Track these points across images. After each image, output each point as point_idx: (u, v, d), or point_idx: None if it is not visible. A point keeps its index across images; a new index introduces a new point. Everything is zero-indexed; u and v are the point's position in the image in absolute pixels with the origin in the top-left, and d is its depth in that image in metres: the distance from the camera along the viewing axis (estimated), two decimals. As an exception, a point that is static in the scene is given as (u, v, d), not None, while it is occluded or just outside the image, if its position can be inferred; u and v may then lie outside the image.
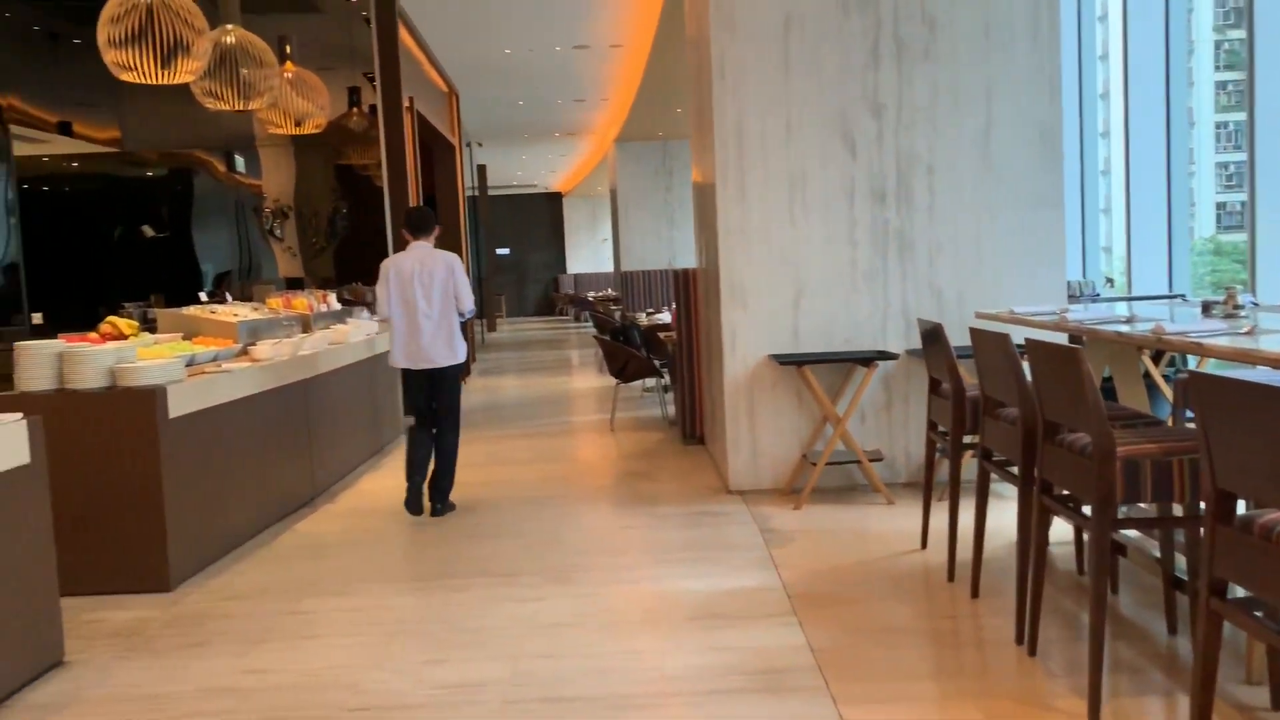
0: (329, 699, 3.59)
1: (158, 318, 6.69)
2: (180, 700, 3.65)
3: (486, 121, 18.15)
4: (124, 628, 4.43)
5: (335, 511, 6.55)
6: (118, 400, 4.85)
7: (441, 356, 6.12)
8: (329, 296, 8.64)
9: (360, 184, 10.16)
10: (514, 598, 4.60)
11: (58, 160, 10.22)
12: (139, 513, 4.84)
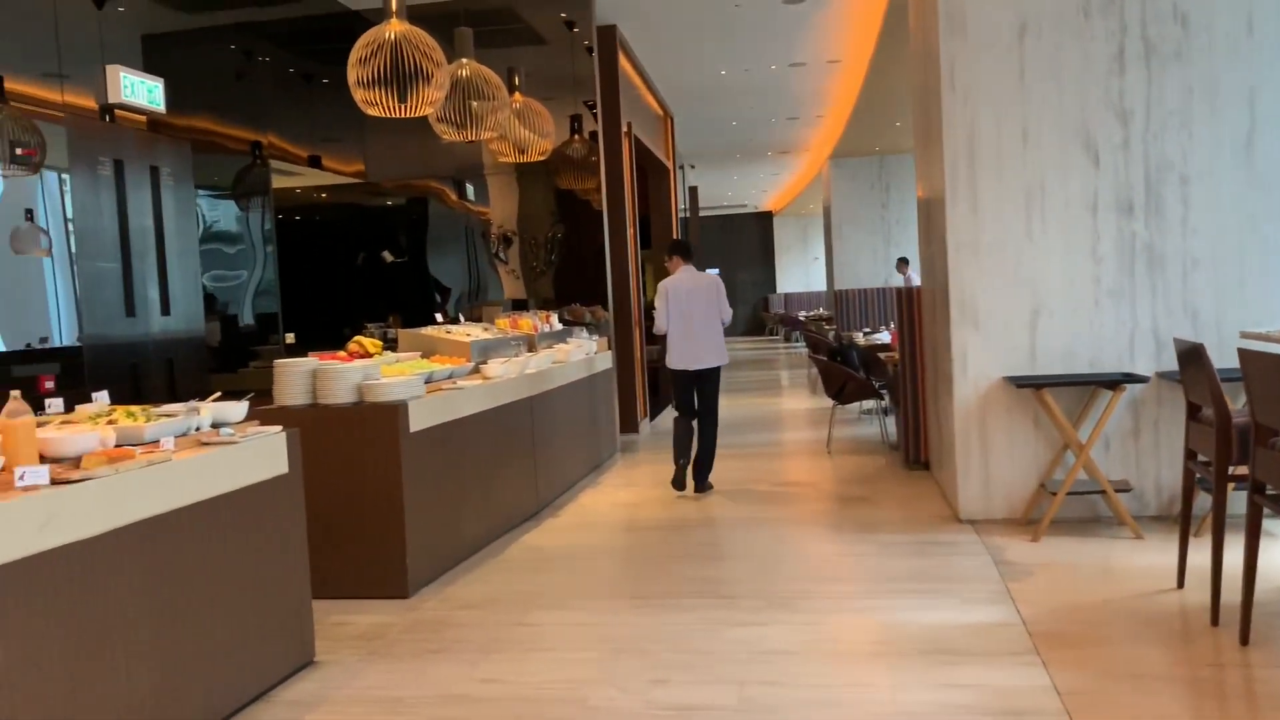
0: (558, 713, 3.64)
1: (398, 337, 7.07)
2: (419, 705, 3.79)
3: (699, 143, 18.31)
4: (367, 631, 4.66)
5: (558, 525, 6.71)
6: (364, 414, 5.13)
7: (710, 359, 7.35)
8: (551, 317, 8.90)
9: (580, 208, 10.44)
10: (736, 621, 4.54)
11: (309, 191, 11.04)
12: (382, 521, 5.10)
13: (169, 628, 3.44)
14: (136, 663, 3.29)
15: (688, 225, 20.40)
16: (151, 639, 3.37)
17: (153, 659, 3.36)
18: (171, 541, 3.47)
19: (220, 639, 3.69)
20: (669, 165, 14.93)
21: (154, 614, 3.39)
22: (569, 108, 10.02)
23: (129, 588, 3.30)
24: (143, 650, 3.32)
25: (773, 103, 15.41)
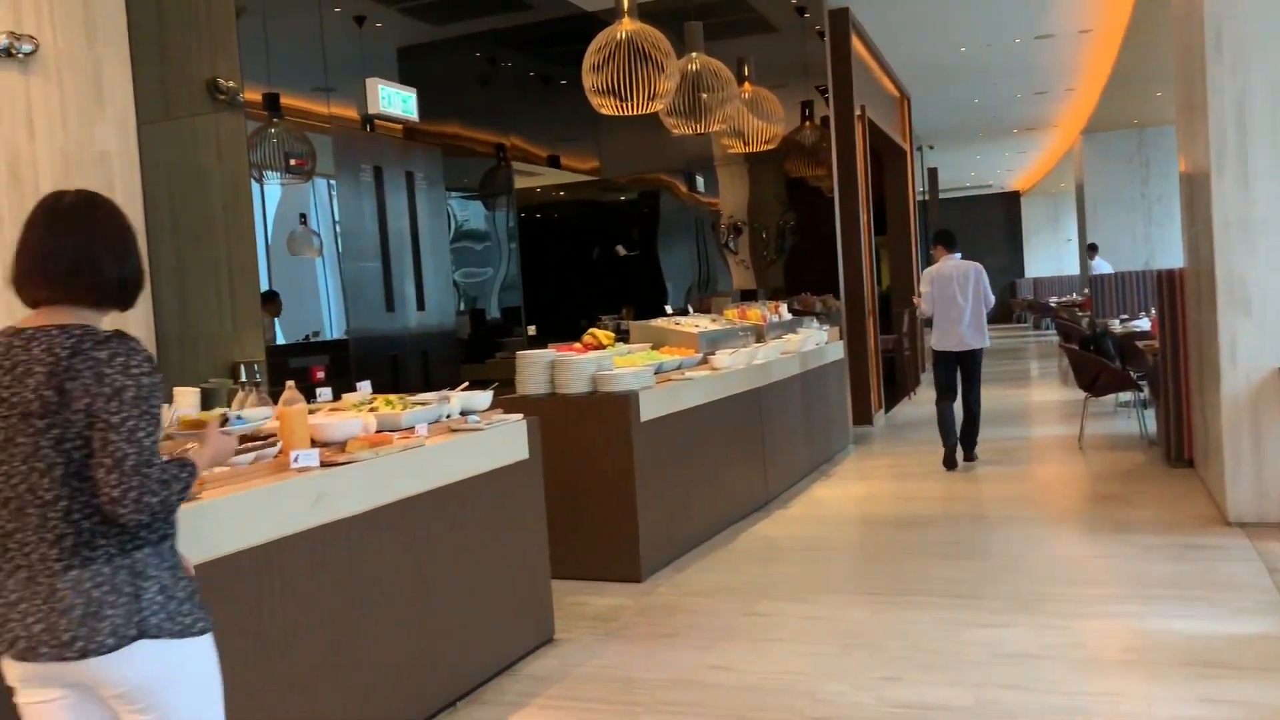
0: (788, 704, 3.64)
1: (630, 329, 7.25)
2: (652, 688, 3.89)
3: (938, 123, 17.65)
4: (603, 613, 4.83)
5: (789, 517, 6.68)
6: (598, 404, 5.31)
7: (973, 341, 7.79)
8: (780, 307, 8.85)
9: (811, 196, 10.32)
10: (975, 622, 4.38)
11: (548, 190, 11.50)
12: (615, 507, 5.27)
13: (422, 600, 3.70)
14: (394, 630, 3.56)
15: (926, 208, 19.73)
16: (406, 609, 3.63)
17: (407, 628, 3.63)
18: (424, 520, 3.73)
19: (468, 613, 3.93)
20: (905, 147, 14.49)
21: (409, 586, 3.66)
22: (800, 94, 9.92)
23: (387, 562, 3.58)
24: (399, 619, 3.59)
25: (1017, 77, 14.63)
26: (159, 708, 2.01)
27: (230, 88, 5.80)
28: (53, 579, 1.95)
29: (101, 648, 1.93)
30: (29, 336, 1.98)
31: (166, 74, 5.86)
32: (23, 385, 1.95)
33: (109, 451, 1.92)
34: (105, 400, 1.93)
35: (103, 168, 5.65)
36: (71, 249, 2.04)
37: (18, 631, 1.95)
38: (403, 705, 3.58)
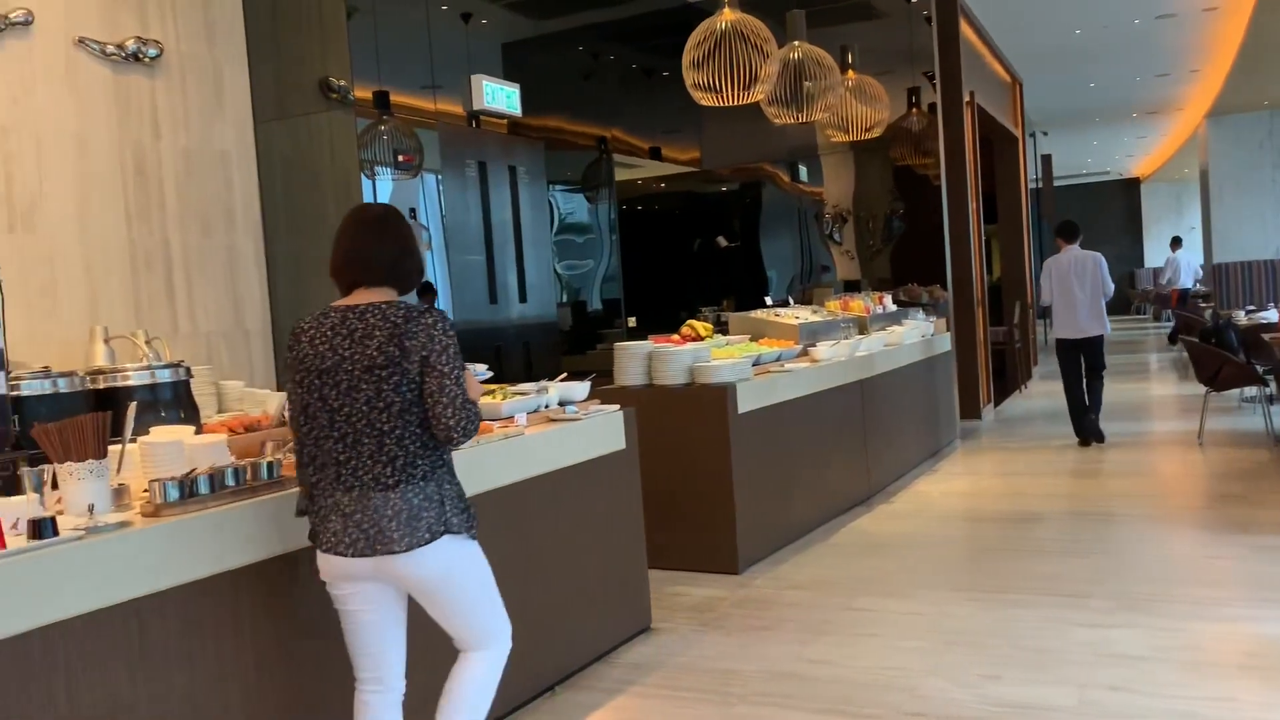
0: (886, 699, 3.60)
1: (729, 320, 7.24)
2: (748, 679, 3.89)
3: (1052, 107, 17.09)
4: (700, 604, 4.85)
5: (892, 512, 6.59)
6: (695, 395, 5.32)
7: (1092, 328, 8.30)
8: (885, 298, 8.72)
9: (918, 184, 10.12)
10: (1081, 621, 4.25)
11: (648, 182, 11.54)
12: (712, 499, 5.27)
13: (523, 586, 3.77)
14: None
15: (1039, 196, 19.14)
16: (507, 595, 3.71)
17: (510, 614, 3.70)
18: (524, 508, 3.80)
19: (567, 600, 3.99)
20: (1017, 134, 14.09)
21: (511, 573, 3.73)
22: (906, 80, 9.73)
23: (489, 549, 3.65)
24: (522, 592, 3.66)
25: (1137, 59, 14.07)
26: (450, 591, 2.66)
27: (342, 86, 5.98)
28: (386, 493, 2.55)
29: (420, 541, 2.54)
30: (361, 311, 2.60)
31: (281, 74, 6.08)
32: (364, 346, 2.56)
33: (445, 392, 2.55)
34: (437, 354, 2.55)
35: (222, 166, 5.90)
36: (387, 249, 2.68)
37: (355, 535, 2.55)
38: (503, 687, 3.66)
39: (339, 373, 2.57)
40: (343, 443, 2.58)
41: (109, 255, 5.25)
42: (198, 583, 2.64)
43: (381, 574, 2.59)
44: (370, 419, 2.55)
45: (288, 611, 2.90)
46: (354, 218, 2.76)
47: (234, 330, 5.94)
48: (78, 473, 2.50)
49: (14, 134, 4.87)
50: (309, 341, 2.63)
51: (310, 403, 2.61)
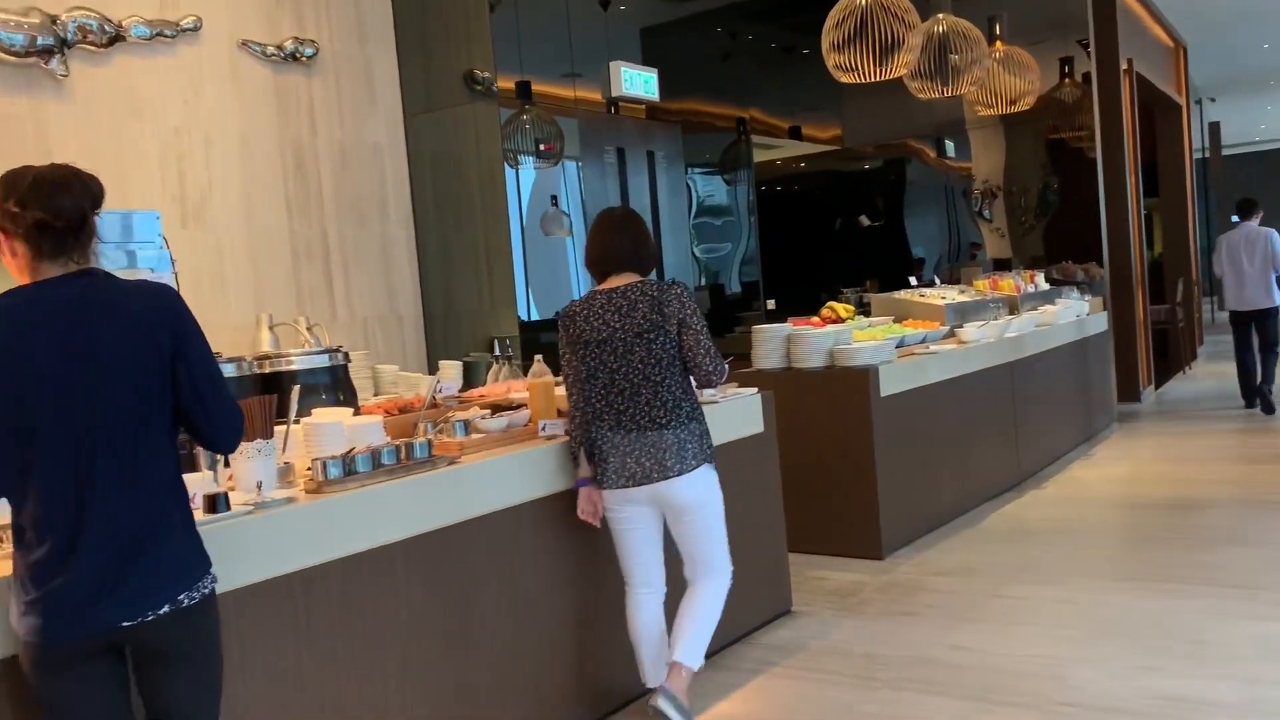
0: (1034, 688, 3.51)
1: (871, 302, 7.11)
2: (891, 664, 3.85)
3: (1220, 73, 16.06)
4: (842, 588, 4.81)
5: (1043, 498, 6.37)
6: (835, 379, 5.27)
7: (1260, 300, 8.65)
8: (1036, 276, 8.40)
9: (1071, 157, 9.69)
10: (1249, 614, 4.03)
11: (788, 162, 11.41)
12: (853, 483, 5.21)
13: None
14: (635, 596, 3.70)
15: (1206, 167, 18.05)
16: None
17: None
18: (663, 490, 3.84)
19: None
20: (1181, 101, 13.32)
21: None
22: (1058, 50, 9.33)
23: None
24: (640, 585, 3.73)
25: (1317, 16, 13.08)
26: (703, 512, 3.27)
27: (485, 78, 6.14)
28: (659, 432, 3.21)
29: (689, 468, 3.20)
30: (623, 291, 3.25)
31: (429, 69, 6.29)
32: (630, 317, 3.22)
33: (700, 345, 3.22)
34: (689, 316, 3.23)
35: (374, 159, 6.15)
36: (630, 243, 3.33)
37: (633, 469, 3.21)
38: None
39: (614, 341, 3.22)
40: (622, 396, 3.22)
41: (272, 246, 5.55)
42: (357, 555, 2.79)
43: (656, 498, 3.23)
44: (645, 374, 3.21)
45: (442, 583, 3.03)
46: (604, 220, 3.43)
47: (388, 316, 6.19)
48: (247, 451, 2.67)
49: (185, 134, 5.19)
50: (584, 319, 3.26)
51: (591, 368, 3.25)
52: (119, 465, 1.99)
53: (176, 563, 2.05)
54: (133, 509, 2.00)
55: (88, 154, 4.70)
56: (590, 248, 3.39)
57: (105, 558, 1.96)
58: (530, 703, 3.30)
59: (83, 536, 1.94)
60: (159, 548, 2.02)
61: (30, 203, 2.00)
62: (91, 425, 1.97)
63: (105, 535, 1.96)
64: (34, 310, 1.98)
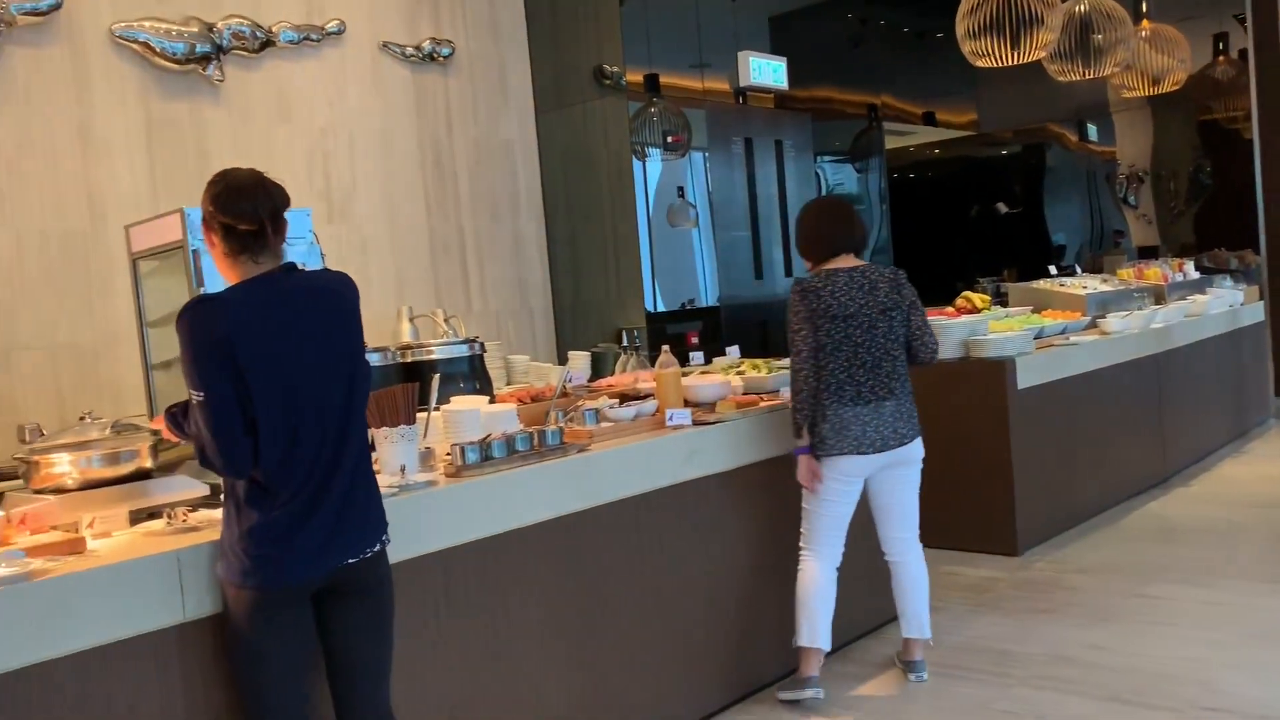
0: (1178, 692, 3.38)
1: (1008, 291, 6.92)
2: (1027, 662, 3.76)
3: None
4: (976, 584, 4.71)
5: (1190, 495, 6.09)
6: (970, 370, 5.15)
7: None
8: (1185, 265, 8.02)
9: (1226, 139, 9.21)
10: None
11: (921, 149, 11.17)
12: (988, 477, 5.09)
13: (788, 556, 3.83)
14: (760, 583, 3.72)
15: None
16: (772, 564, 3.78)
17: (773, 581, 3.78)
18: (783, 479, 3.84)
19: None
20: (1349, 76, 12.46)
21: (773, 542, 3.80)
22: (1211, 25, 8.88)
23: (753, 517, 3.74)
24: (765, 573, 3.75)
25: None
26: (917, 477, 3.63)
27: (614, 73, 6.22)
28: (896, 401, 3.49)
29: (916, 433, 3.57)
30: (862, 270, 3.51)
31: (559, 65, 6.41)
32: (873, 295, 3.47)
33: (925, 327, 3.57)
34: (913, 299, 3.56)
35: (507, 155, 6.30)
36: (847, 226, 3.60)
37: (873, 436, 3.45)
38: (771, 655, 3.75)
39: (860, 316, 3.45)
40: (864, 368, 3.46)
41: (412, 241, 5.76)
42: (493, 538, 2.89)
43: (891, 461, 3.51)
44: (886, 348, 3.48)
45: (574, 566, 3.11)
46: (825, 207, 3.79)
47: (520, 309, 6.34)
48: (391, 436, 2.80)
49: (330, 134, 5.43)
50: (829, 294, 3.46)
51: (836, 341, 3.45)
52: (342, 432, 2.30)
53: (376, 512, 2.40)
54: (350, 468, 2.31)
55: (241, 154, 4.98)
56: (806, 232, 3.63)
57: (334, 509, 2.28)
58: (661, 685, 3.36)
59: (322, 493, 2.26)
60: (367, 500, 2.36)
61: (220, 206, 2.25)
62: (330, 399, 2.29)
63: (335, 491, 2.28)
64: (268, 300, 2.24)
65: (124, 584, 2.19)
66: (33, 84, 4.40)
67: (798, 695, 3.52)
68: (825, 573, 3.57)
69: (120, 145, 4.65)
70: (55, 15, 4.43)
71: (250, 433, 2.19)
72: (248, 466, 2.20)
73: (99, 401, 4.32)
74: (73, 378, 4.45)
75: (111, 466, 2.58)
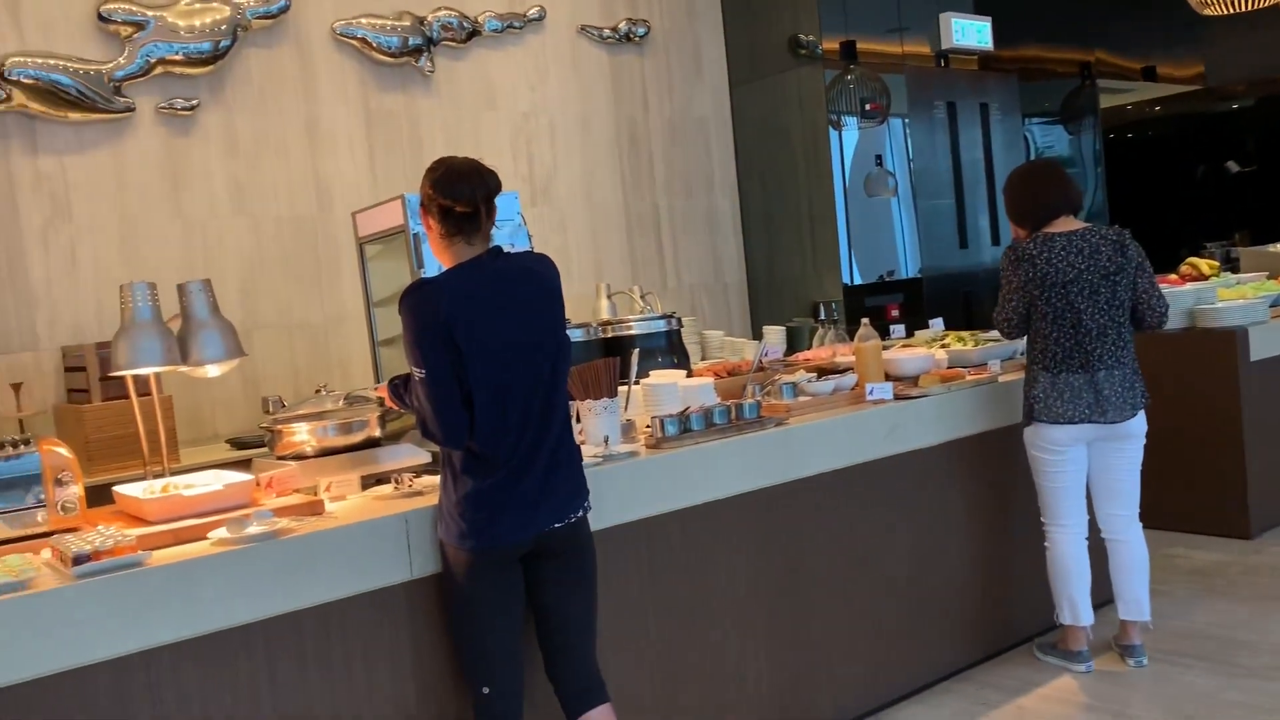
0: None
1: (1240, 256, 6.42)
2: (1259, 650, 3.52)
3: None
4: (1202, 568, 4.43)
5: None
6: (1196, 341, 4.82)
7: None
8: None
9: None
10: None
11: (1140, 106, 10.45)
12: (1217, 455, 4.77)
13: (999, 532, 3.72)
14: (965, 562, 3.63)
15: None
16: (980, 542, 3.69)
17: (980, 561, 3.68)
18: (993, 455, 3.72)
19: (1039, 551, 3.84)
20: None
21: (980, 520, 3.70)
22: None
23: (960, 494, 3.65)
24: (971, 551, 3.65)
25: None
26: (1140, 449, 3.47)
27: (810, 41, 6.14)
28: (1122, 370, 3.36)
29: (1139, 406, 3.41)
30: (1081, 234, 3.35)
31: (754, 37, 6.37)
32: (1095, 259, 3.32)
33: (1154, 290, 3.39)
34: (1140, 259, 3.38)
35: (701, 131, 6.34)
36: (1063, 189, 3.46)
37: (1086, 406, 3.34)
38: (975, 635, 3.66)
39: (1081, 282, 3.31)
40: (1088, 336, 3.33)
41: (609, 220, 5.89)
42: (693, 509, 2.95)
43: (1109, 434, 3.39)
44: (1110, 315, 3.33)
45: (773, 538, 3.13)
46: (1037, 170, 3.67)
47: (714, 284, 6.39)
48: (595, 409, 2.90)
49: (533, 118, 5.62)
50: (1045, 262, 3.33)
51: (1057, 309, 3.34)
52: (546, 405, 2.42)
53: (580, 480, 2.52)
54: (553, 439, 2.43)
55: (451, 142, 5.23)
56: (1021, 197, 3.50)
57: (539, 477, 2.40)
58: (863, 658, 3.34)
59: (530, 462, 2.38)
60: (569, 469, 2.48)
61: (439, 190, 2.38)
62: (538, 374, 2.41)
63: (540, 460, 2.40)
64: (481, 283, 2.37)
65: (359, 543, 2.38)
66: (266, 83, 4.76)
67: (1071, 667, 3.51)
68: (1070, 545, 3.48)
69: (343, 137, 4.97)
70: (284, 17, 4.76)
71: (466, 406, 2.33)
72: (464, 437, 2.34)
73: (329, 375, 4.66)
74: (306, 354, 4.81)
75: (345, 435, 2.79)
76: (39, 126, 4.20)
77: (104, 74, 4.29)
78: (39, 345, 4.17)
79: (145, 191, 4.44)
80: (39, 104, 4.16)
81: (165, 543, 2.31)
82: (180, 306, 2.84)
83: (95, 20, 4.32)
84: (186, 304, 2.83)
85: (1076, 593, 3.49)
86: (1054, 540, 3.52)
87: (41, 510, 2.40)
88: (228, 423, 4.52)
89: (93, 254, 4.31)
